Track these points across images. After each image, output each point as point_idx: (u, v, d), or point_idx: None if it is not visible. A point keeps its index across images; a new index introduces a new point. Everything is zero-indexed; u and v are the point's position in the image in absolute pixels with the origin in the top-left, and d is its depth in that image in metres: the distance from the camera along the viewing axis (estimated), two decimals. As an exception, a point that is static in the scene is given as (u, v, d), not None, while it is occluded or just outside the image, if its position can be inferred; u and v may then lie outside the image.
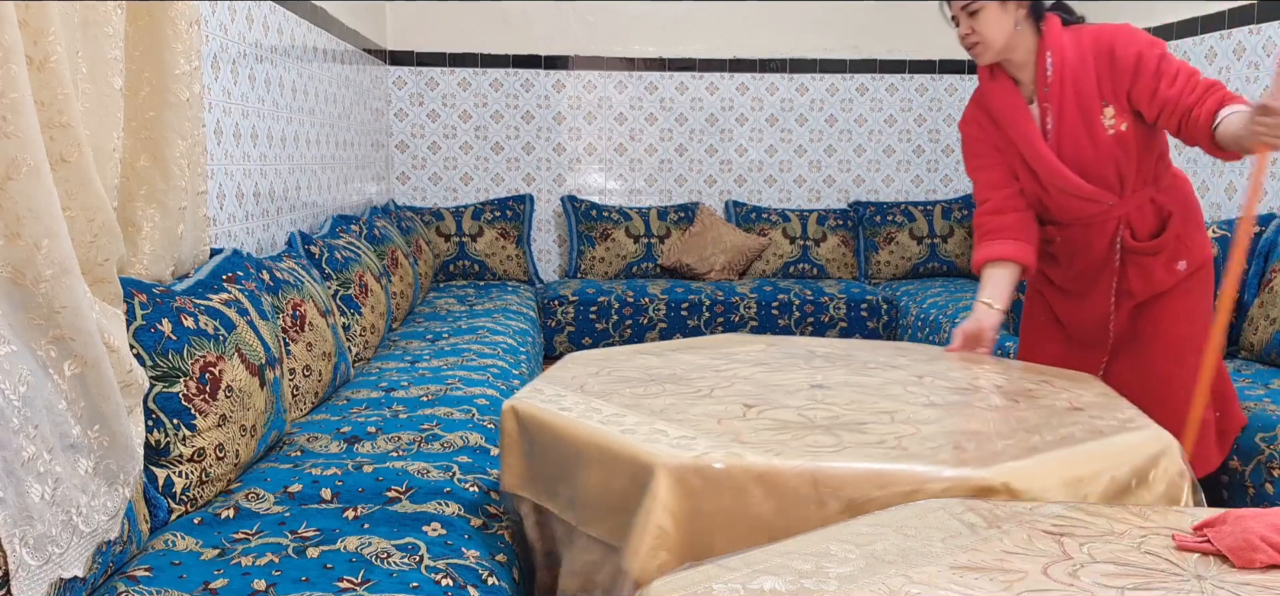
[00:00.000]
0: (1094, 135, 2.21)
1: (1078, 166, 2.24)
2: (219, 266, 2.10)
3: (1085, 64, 2.20)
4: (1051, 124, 2.25)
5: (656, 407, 1.70)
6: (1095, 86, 2.20)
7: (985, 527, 1.46)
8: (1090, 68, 2.20)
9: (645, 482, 1.44)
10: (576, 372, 1.96)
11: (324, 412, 2.42)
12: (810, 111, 5.39)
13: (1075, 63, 2.21)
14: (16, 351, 1.27)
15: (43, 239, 1.31)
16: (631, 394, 1.79)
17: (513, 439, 1.74)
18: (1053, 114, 2.24)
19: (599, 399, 1.75)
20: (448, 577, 1.50)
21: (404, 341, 3.37)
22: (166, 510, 1.70)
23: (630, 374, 1.95)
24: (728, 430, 1.58)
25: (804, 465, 1.45)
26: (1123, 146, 2.21)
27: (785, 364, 2.07)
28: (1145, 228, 2.29)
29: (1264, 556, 1.31)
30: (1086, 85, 2.20)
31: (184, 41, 1.94)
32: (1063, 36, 2.22)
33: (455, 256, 4.95)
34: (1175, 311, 2.29)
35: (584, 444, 1.58)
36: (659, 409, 1.69)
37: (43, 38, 1.37)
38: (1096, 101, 2.20)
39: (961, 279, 5.08)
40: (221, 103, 2.61)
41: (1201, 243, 2.30)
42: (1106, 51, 2.18)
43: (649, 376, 1.93)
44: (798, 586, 1.24)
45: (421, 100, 5.17)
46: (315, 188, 3.56)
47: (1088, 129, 2.22)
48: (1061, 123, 2.23)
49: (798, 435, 1.58)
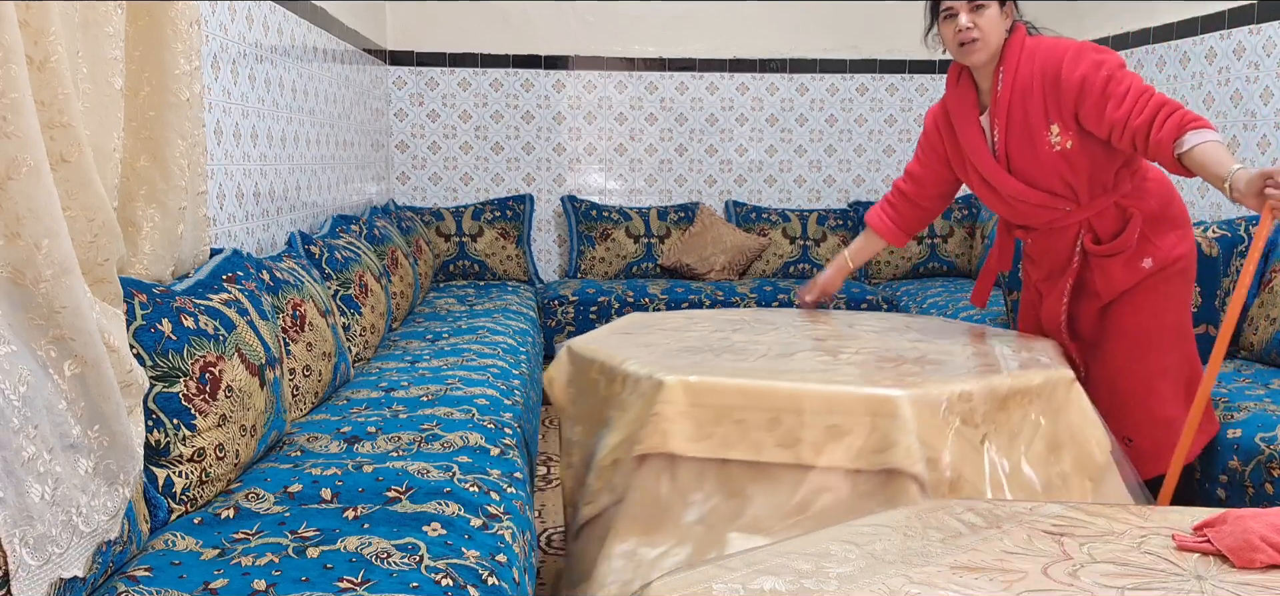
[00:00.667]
0: (1038, 151, 2.26)
1: (1026, 177, 2.31)
2: (219, 266, 2.10)
3: (1033, 82, 2.25)
4: (998, 137, 2.31)
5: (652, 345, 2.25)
6: (1041, 105, 2.24)
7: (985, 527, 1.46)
8: (1037, 86, 2.24)
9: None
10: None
11: (324, 412, 2.42)
12: (810, 111, 5.39)
13: (1025, 80, 2.26)
14: (16, 351, 1.27)
15: (43, 239, 1.30)
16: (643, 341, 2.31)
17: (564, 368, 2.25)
18: (999, 128, 2.31)
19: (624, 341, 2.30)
20: (448, 577, 1.50)
21: (404, 341, 3.37)
22: (166, 510, 1.70)
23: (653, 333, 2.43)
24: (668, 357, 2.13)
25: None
26: (1068, 161, 2.26)
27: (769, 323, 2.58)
28: (1108, 230, 2.34)
29: (1264, 556, 1.31)
30: (1032, 103, 2.25)
31: (184, 41, 1.94)
32: (1021, 51, 2.27)
33: (455, 256, 4.95)
34: (1136, 305, 2.34)
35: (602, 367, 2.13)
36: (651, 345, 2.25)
37: (43, 38, 1.37)
38: (1042, 119, 2.25)
39: (962, 279, 5.08)
40: (221, 103, 2.61)
41: (1172, 241, 2.33)
42: (1053, 71, 2.22)
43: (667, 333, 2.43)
44: (798, 586, 1.24)
45: (421, 100, 5.17)
46: (315, 188, 3.56)
47: (1032, 144, 2.27)
48: (1007, 137, 2.30)
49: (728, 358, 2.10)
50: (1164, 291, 2.34)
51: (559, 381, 2.25)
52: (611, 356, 2.08)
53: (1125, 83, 2.14)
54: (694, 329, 2.47)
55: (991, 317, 3.91)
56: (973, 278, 5.08)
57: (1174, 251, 2.33)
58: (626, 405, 1.95)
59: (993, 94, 2.31)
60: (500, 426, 2.34)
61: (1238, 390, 2.70)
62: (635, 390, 1.93)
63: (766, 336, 2.36)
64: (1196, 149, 2.01)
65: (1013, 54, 2.26)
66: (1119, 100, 2.12)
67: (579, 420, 2.17)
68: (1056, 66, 2.20)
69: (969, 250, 5.18)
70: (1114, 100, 2.12)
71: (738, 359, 2.08)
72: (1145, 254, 2.31)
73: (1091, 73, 2.16)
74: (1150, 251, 2.31)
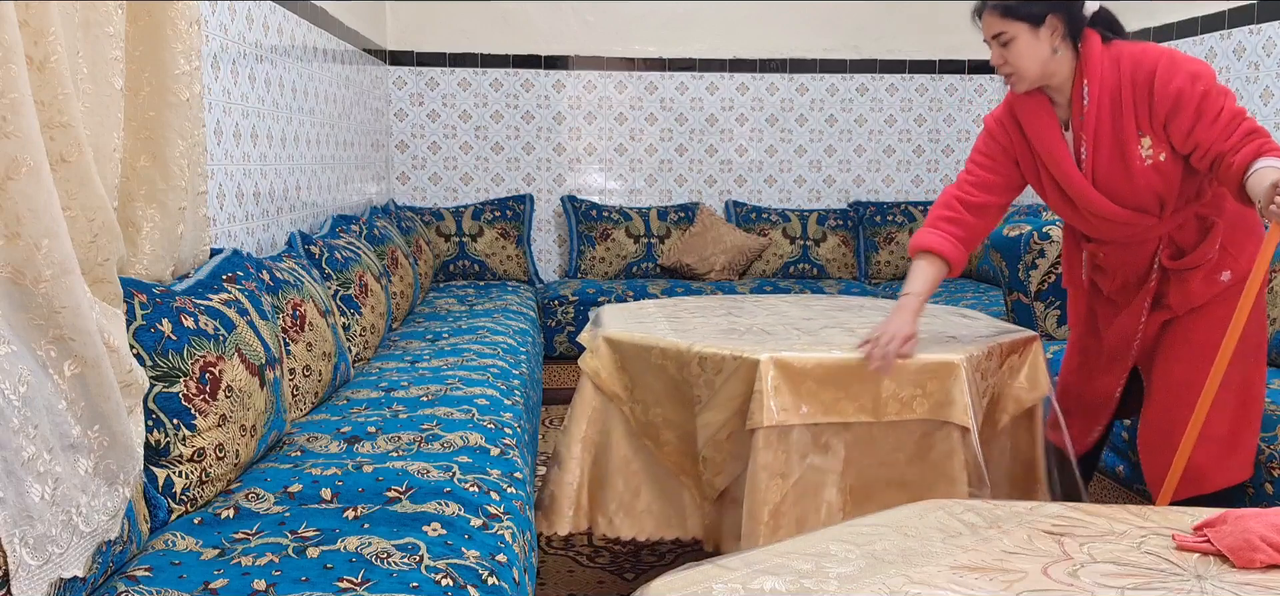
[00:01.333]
0: (1130, 166, 2.12)
1: (1113, 194, 2.16)
2: (219, 266, 2.10)
3: (1122, 92, 2.10)
4: (1086, 153, 2.16)
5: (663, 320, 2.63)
6: (1132, 117, 2.10)
7: (985, 527, 1.46)
8: (1128, 97, 2.10)
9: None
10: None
11: (324, 412, 2.42)
12: (810, 111, 5.39)
13: (1113, 91, 2.11)
14: (16, 351, 1.27)
15: (43, 239, 1.30)
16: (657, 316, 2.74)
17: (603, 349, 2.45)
18: (1088, 143, 2.15)
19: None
20: (448, 577, 1.50)
21: (404, 341, 3.37)
22: (166, 510, 1.70)
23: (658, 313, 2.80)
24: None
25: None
26: (1161, 175, 2.12)
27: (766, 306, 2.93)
28: (1188, 241, 2.20)
29: (1264, 556, 1.31)
30: (1123, 115, 2.11)
31: (184, 41, 1.94)
32: (1103, 60, 2.11)
33: (455, 256, 4.95)
34: (1210, 320, 2.19)
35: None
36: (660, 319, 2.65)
37: (43, 38, 1.37)
38: (1133, 132, 2.10)
39: (962, 279, 5.08)
40: (221, 103, 2.61)
41: (1253, 251, 2.17)
42: (1146, 81, 2.07)
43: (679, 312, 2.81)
44: (798, 586, 1.24)
45: (421, 100, 5.17)
46: (315, 188, 3.56)
47: (1123, 160, 2.12)
48: (1097, 152, 2.15)
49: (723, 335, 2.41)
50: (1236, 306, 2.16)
51: (605, 371, 2.41)
52: (678, 344, 2.29)
53: (1219, 102, 2.01)
54: (700, 314, 2.76)
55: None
56: (973, 278, 5.08)
57: (1253, 261, 2.14)
58: (714, 383, 2.21)
59: (1076, 107, 2.16)
60: (500, 426, 2.34)
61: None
62: (720, 369, 2.20)
63: (771, 316, 2.72)
64: (1256, 173, 1.89)
65: (1095, 66, 2.10)
66: (1211, 120, 2.00)
67: (654, 403, 2.37)
68: (1149, 77, 2.06)
69: (969, 250, 5.18)
70: (1205, 120, 2.01)
71: (783, 340, 2.33)
72: (1224, 267, 2.18)
73: (1187, 85, 2.02)
74: (1229, 263, 2.18)
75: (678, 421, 2.33)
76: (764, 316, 2.72)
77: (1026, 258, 3.44)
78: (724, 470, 2.22)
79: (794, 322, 2.61)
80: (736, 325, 2.56)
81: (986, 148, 2.33)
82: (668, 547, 2.92)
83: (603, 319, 2.64)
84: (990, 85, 5.46)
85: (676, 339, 2.32)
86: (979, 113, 5.47)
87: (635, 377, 2.40)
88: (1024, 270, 3.46)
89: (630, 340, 2.38)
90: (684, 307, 2.92)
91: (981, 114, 5.48)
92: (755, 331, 2.46)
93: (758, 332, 2.44)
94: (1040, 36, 2.10)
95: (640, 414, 2.40)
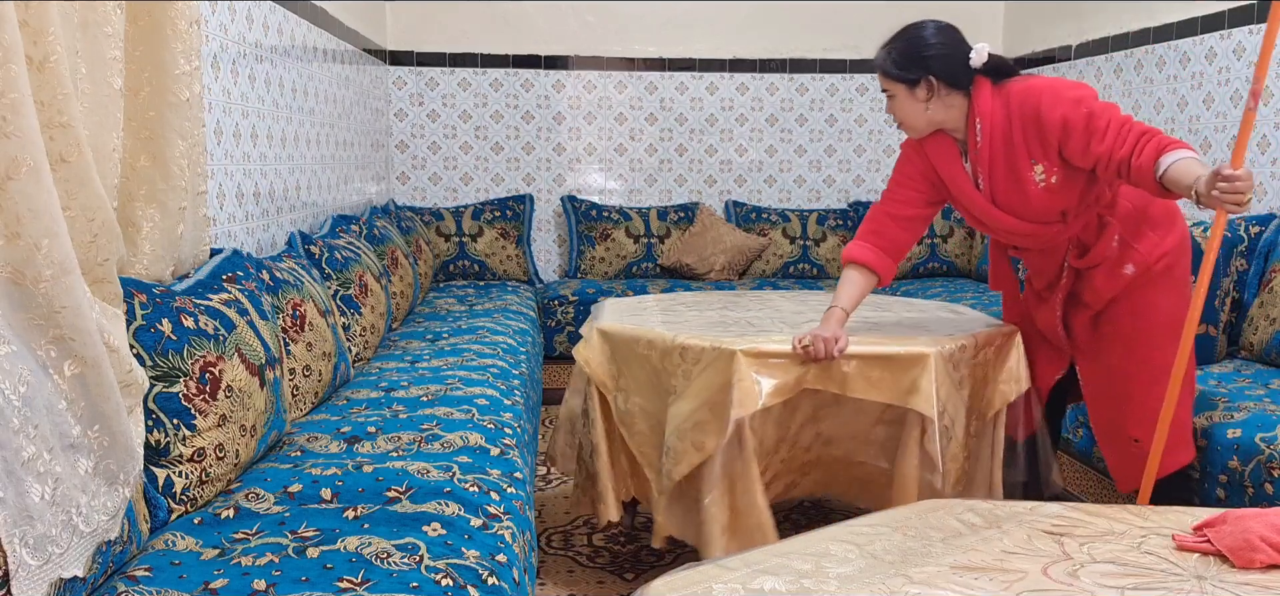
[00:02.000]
0: (1025, 190, 2.33)
1: (1013, 212, 2.38)
2: (219, 266, 2.10)
3: (1012, 127, 2.30)
4: (983, 181, 2.38)
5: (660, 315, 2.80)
6: (1024, 148, 2.30)
7: (985, 527, 1.46)
8: (1018, 132, 2.30)
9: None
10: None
11: (324, 412, 2.42)
12: (810, 111, 5.39)
13: (1003, 128, 2.31)
14: (16, 351, 1.27)
15: (43, 239, 1.30)
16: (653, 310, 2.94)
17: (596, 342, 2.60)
18: (984, 174, 2.37)
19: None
20: (448, 577, 1.50)
21: (404, 341, 3.37)
22: (166, 510, 1.70)
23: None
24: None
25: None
26: (1055, 194, 2.31)
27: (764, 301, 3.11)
28: (1091, 240, 2.40)
29: (1264, 556, 1.31)
30: (1015, 148, 2.31)
31: (184, 41, 1.94)
32: (992, 103, 2.31)
33: (455, 256, 4.95)
34: (1127, 309, 2.39)
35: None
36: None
37: (43, 38, 1.37)
38: (1026, 161, 2.31)
39: (961, 279, 5.08)
40: (221, 103, 2.61)
41: (1152, 242, 2.36)
42: (1032, 115, 2.27)
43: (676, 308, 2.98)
44: (798, 586, 1.24)
45: (421, 100, 5.17)
46: (315, 188, 3.56)
47: (1018, 185, 2.33)
48: (993, 180, 2.36)
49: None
50: (1151, 292, 2.37)
51: (595, 360, 2.58)
52: (664, 334, 2.45)
53: (1105, 117, 2.19)
54: (695, 308, 2.95)
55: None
56: (973, 277, 5.08)
57: (1156, 251, 2.36)
58: (691, 373, 2.36)
59: (971, 144, 2.37)
60: (500, 426, 2.34)
61: (1238, 390, 2.70)
62: (700, 360, 2.35)
63: (764, 311, 2.90)
64: (1171, 168, 2.06)
65: (986, 108, 2.31)
66: (1101, 135, 2.17)
67: (634, 392, 2.53)
68: (1035, 109, 2.25)
69: (969, 250, 5.18)
70: (1097, 136, 2.18)
71: (763, 331, 2.52)
72: (1126, 261, 2.36)
73: (1071, 111, 2.21)
74: (1131, 257, 2.36)
75: (652, 411, 2.48)
76: (757, 311, 2.87)
77: (1026, 258, 3.44)
78: (683, 461, 2.36)
79: (785, 317, 2.76)
80: (727, 318, 2.72)
81: (904, 169, 2.53)
82: (667, 547, 2.92)
83: (602, 312, 2.80)
84: (990, 85, 5.46)
85: (663, 331, 2.48)
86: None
87: (622, 367, 2.56)
88: (1024, 270, 3.46)
89: (621, 331, 2.55)
90: (681, 302, 3.08)
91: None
92: (742, 324, 2.62)
93: (743, 326, 2.60)
94: (916, 95, 2.36)
95: (621, 402, 2.56)
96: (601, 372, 2.57)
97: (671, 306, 2.98)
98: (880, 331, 2.51)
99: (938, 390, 2.27)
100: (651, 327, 2.52)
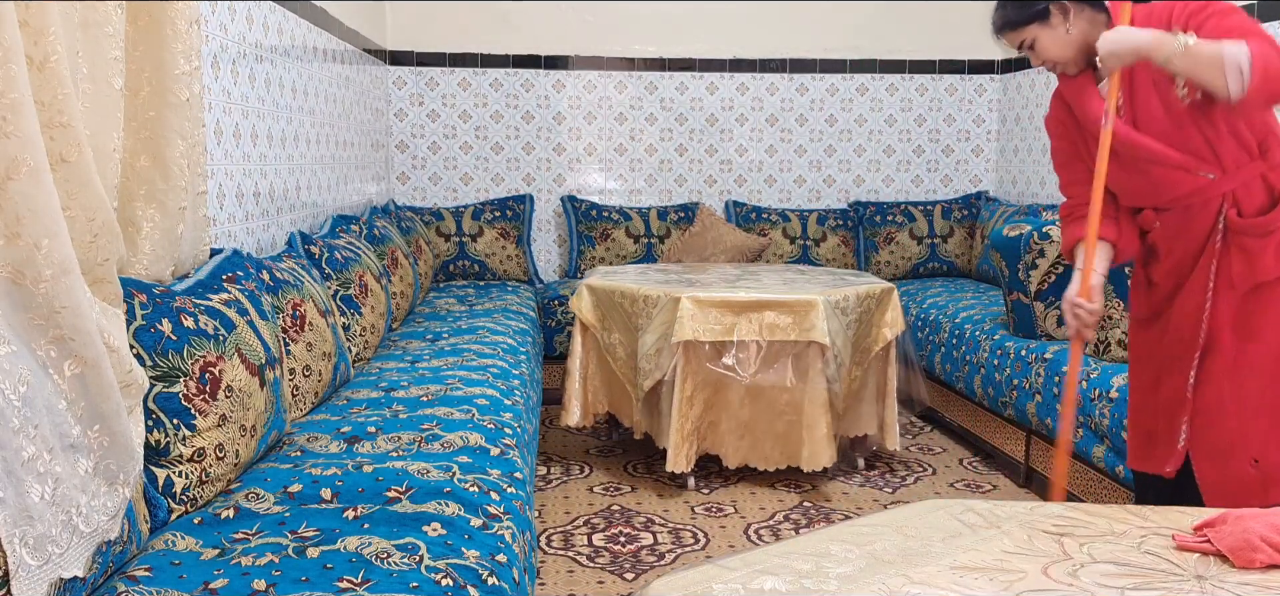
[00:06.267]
0: (1170, 107, 2.08)
1: (1158, 139, 2.10)
2: (219, 266, 2.10)
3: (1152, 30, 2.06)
4: (1122, 100, 2.13)
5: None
6: None
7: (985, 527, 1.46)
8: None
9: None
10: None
11: (324, 412, 2.42)
12: (810, 111, 5.39)
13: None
14: (16, 351, 1.27)
15: (43, 239, 1.30)
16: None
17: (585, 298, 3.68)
18: (1124, 91, 2.12)
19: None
20: (448, 577, 1.50)
21: (404, 341, 3.37)
22: (166, 510, 1.70)
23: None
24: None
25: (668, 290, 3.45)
26: (1202, 113, 2.04)
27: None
28: (1253, 205, 2.07)
29: (1264, 556, 1.31)
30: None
31: (184, 41, 1.94)
32: (1133, 11, 2.09)
33: (455, 256, 4.95)
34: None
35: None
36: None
37: (43, 38, 1.37)
38: (1165, 73, 2.05)
39: (962, 279, 5.08)
40: (221, 103, 2.61)
41: None
42: (1164, 23, 2.04)
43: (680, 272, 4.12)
44: (798, 586, 1.24)
45: (421, 100, 5.17)
46: (315, 188, 3.56)
47: (1162, 101, 2.09)
48: (1133, 97, 2.11)
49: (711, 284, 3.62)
50: None
51: (584, 309, 3.64)
52: (632, 286, 3.50)
53: (1234, 17, 1.98)
54: (660, 273, 3.98)
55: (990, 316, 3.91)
56: (973, 277, 5.08)
57: None
58: (653, 315, 3.38)
59: None
60: (500, 426, 2.34)
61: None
62: (657, 305, 3.37)
63: (712, 274, 3.92)
64: (1193, 47, 1.91)
65: (1117, 16, 2.09)
66: (1223, 15, 1.98)
67: (614, 330, 3.59)
68: (1166, 17, 2.05)
69: (969, 250, 5.18)
70: (1217, 15, 1.99)
71: (705, 287, 3.48)
72: None
73: (1197, 11, 2.02)
74: None
75: (627, 343, 3.53)
76: (707, 275, 3.90)
77: (1026, 257, 3.44)
78: (651, 376, 3.40)
79: (727, 277, 3.81)
80: (684, 278, 3.75)
81: (1055, 151, 2.36)
82: (667, 547, 2.92)
83: (591, 275, 3.82)
84: (990, 85, 5.46)
85: (631, 284, 3.52)
86: (979, 113, 5.48)
87: (604, 313, 3.61)
88: (1024, 270, 3.46)
89: (603, 286, 3.60)
90: (651, 269, 4.12)
91: (981, 114, 5.49)
92: (689, 281, 3.63)
93: (689, 282, 3.61)
94: (1053, 25, 2.14)
95: (605, 338, 3.63)
96: (590, 316, 3.62)
97: (645, 271, 4.04)
98: (791, 288, 3.45)
99: (828, 326, 3.25)
100: (624, 282, 3.54)
